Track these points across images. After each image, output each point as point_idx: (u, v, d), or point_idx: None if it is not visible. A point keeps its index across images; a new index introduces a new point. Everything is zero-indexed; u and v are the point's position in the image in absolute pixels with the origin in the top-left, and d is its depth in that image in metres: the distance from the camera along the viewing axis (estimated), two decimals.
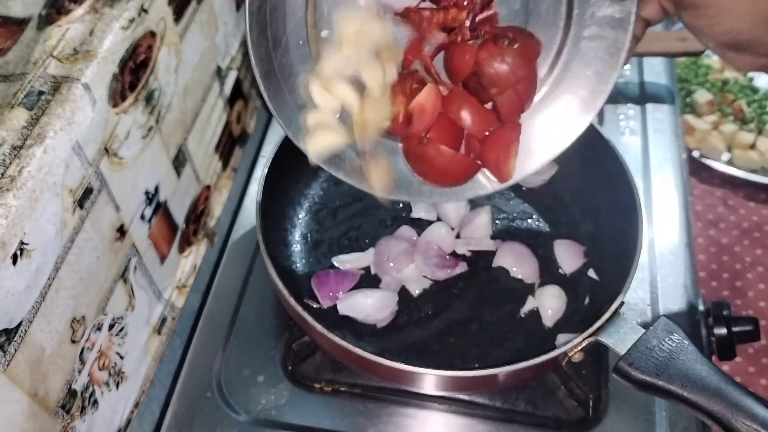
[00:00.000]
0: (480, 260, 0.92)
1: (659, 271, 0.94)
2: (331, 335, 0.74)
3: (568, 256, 0.90)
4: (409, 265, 0.89)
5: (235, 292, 0.93)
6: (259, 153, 1.08)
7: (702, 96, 1.85)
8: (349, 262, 0.90)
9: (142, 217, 0.75)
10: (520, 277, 0.89)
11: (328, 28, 0.70)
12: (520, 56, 0.68)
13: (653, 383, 0.69)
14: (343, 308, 0.83)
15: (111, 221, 0.69)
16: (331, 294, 0.86)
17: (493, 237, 0.93)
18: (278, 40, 0.68)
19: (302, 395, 0.84)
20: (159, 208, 0.79)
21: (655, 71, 1.18)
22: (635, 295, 0.91)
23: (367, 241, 0.93)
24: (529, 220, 0.95)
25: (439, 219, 0.94)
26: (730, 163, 1.79)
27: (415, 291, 0.88)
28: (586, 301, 0.87)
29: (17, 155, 0.56)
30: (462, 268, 0.89)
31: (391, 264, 0.88)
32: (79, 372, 0.67)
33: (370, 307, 0.83)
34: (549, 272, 0.90)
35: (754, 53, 0.58)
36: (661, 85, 1.16)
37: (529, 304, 0.87)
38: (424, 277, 0.89)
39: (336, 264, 0.90)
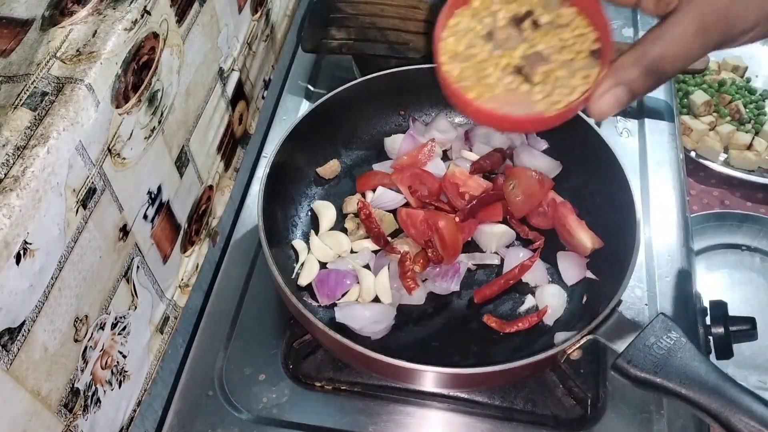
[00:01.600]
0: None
1: (657, 271, 0.94)
2: (332, 333, 0.75)
3: (571, 268, 0.90)
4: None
5: (236, 291, 0.93)
6: (261, 153, 1.08)
7: (699, 97, 1.86)
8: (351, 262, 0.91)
9: (145, 217, 0.76)
10: (527, 281, 0.90)
11: None
12: None
13: (651, 380, 0.70)
14: (341, 316, 0.83)
15: (114, 221, 0.69)
16: (329, 293, 0.87)
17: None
18: None
19: (303, 393, 0.84)
20: (161, 208, 0.79)
21: None
22: (633, 295, 0.92)
23: None
24: None
25: None
26: (726, 163, 1.79)
27: (415, 302, 0.88)
28: (584, 299, 0.87)
29: (21, 155, 0.56)
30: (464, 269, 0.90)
31: (395, 285, 0.88)
32: (82, 371, 0.67)
33: (367, 319, 0.83)
34: (550, 273, 0.91)
35: None
36: (660, 99, 1.16)
37: (529, 302, 0.88)
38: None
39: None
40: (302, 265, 0.90)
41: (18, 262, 0.55)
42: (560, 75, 0.61)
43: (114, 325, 0.72)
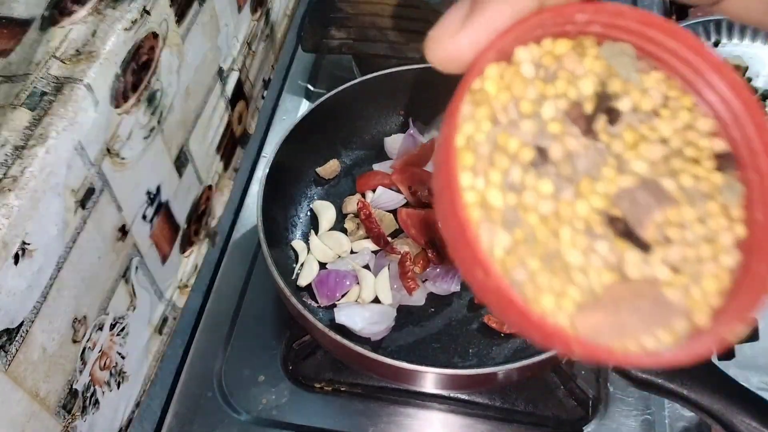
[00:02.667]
0: None
1: None
2: (332, 333, 0.74)
3: None
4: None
5: (236, 291, 0.93)
6: (261, 153, 1.08)
7: None
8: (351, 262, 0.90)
9: (144, 217, 0.75)
10: None
11: None
12: None
13: (653, 381, 0.69)
14: (340, 317, 0.83)
15: (113, 221, 0.69)
16: (329, 293, 0.86)
17: None
18: None
19: (303, 395, 0.84)
20: (161, 209, 0.79)
21: None
22: None
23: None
24: None
25: None
26: None
27: (415, 303, 0.88)
28: None
29: (19, 155, 0.56)
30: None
31: (395, 285, 0.88)
32: (81, 372, 0.67)
33: (367, 320, 0.83)
34: None
35: None
36: None
37: None
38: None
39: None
40: (302, 265, 0.90)
41: (16, 262, 0.54)
42: (687, 218, 0.31)
43: (113, 326, 0.72)
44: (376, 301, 0.87)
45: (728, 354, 0.90)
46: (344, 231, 0.94)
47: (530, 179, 0.31)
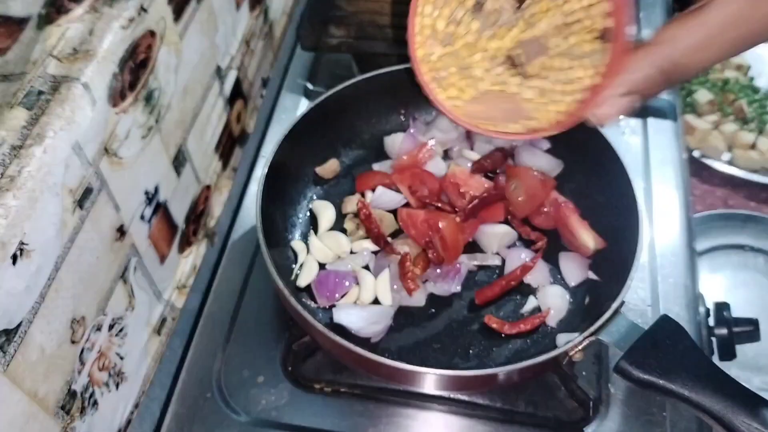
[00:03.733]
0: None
1: (660, 272, 0.94)
2: (331, 334, 0.74)
3: (573, 269, 0.89)
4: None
5: (235, 292, 0.93)
6: (259, 153, 1.07)
7: (702, 96, 1.85)
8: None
9: (142, 217, 0.75)
10: (529, 282, 0.89)
11: None
12: None
13: (654, 382, 0.69)
14: (338, 317, 0.82)
15: (111, 221, 0.69)
16: (328, 294, 0.86)
17: None
18: None
19: (302, 396, 0.84)
20: (159, 208, 0.79)
21: None
22: (636, 296, 0.91)
23: None
24: None
25: None
26: (730, 163, 1.79)
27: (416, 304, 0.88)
28: (587, 300, 0.87)
29: (17, 155, 0.56)
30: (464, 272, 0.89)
31: (395, 286, 0.87)
32: (79, 372, 0.67)
33: (365, 320, 0.82)
34: (553, 274, 0.90)
35: None
36: (663, 98, 1.15)
37: (531, 303, 0.87)
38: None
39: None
40: (301, 266, 0.89)
41: (14, 262, 0.54)
42: (558, 66, 0.51)
43: (111, 327, 0.72)
44: (376, 302, 0.86)
45: (730, 355, 0.90)
46: (344, 231, 0.93)
47: (466, 18, 0.50)
